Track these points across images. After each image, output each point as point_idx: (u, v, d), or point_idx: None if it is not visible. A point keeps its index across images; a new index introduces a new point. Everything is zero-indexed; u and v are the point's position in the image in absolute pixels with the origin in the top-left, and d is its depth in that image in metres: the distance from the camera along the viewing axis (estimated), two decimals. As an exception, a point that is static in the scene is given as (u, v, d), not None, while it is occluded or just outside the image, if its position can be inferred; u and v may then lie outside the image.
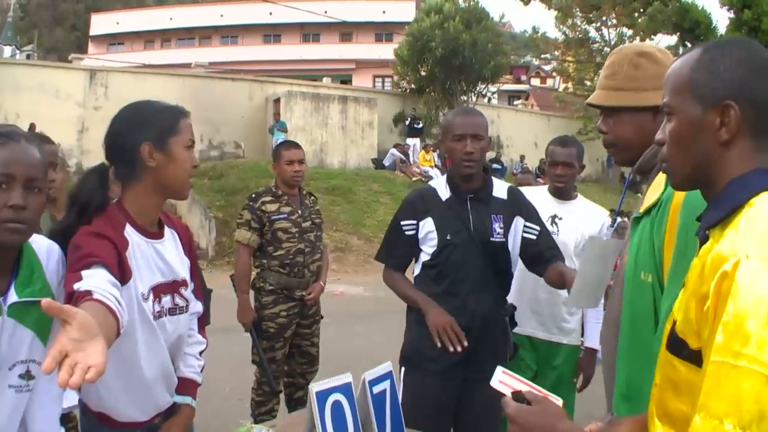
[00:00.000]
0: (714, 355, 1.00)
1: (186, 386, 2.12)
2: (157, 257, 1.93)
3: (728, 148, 1.16)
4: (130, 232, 1.85)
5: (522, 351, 3.23)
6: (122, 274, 1.74)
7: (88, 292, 1.49)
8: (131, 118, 1.90)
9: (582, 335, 3.56)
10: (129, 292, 1.79)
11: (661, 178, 1.67)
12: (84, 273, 1.58)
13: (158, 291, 1.91)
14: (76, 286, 1.53)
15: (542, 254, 2.85)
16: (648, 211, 1.69)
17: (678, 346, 1.13)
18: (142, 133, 1.85)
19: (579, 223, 3.36)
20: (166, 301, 1.95)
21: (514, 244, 2.85)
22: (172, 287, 1.97)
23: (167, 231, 2.02)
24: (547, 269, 2.80)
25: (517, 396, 1.26)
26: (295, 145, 4.34)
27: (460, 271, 2.74)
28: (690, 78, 1.20)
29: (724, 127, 1.16)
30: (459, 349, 2.58)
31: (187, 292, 2.04)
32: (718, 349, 1.00)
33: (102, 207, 1.85)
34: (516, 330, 3.15)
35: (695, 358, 1.08)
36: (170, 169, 1.88)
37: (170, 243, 2.00)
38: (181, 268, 2.02)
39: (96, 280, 1.56)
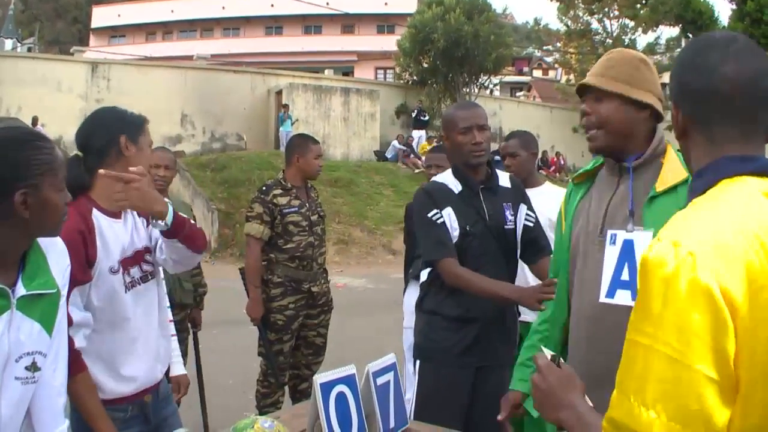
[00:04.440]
0: (628, 333, 1.03)
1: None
2: (120, 235, 2.20)
3: (688, 143, 1.21)
4: (96, 215, 2.14)
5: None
6: (90, 257, 2.07)
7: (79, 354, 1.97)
8: (110, 116, 2.24)
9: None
10: (99, 267, 2.09)
11: (675, 162, 1.87)
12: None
13: (126, 264, 2.19)
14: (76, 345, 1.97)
15: (536, 242, 2.90)
16: (670, 189, 1.83)
17: None
18: (121, 127, 2.19)
19: (543, 207, 3.40)
20: (135, 271, 2.21)
21: (520, 232, 2.89)
22: (136, 259, 2.23)
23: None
24: (537, 261, 2.86)
25: (553, 357, 1.32)
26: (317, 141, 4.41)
27: (478, 261, 2.74)
28: (670, 81, 1.27)
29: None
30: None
31: (152, 257, 2.29)
32: (630, 328, 1.02)
33: (82, 187, 2.14)
34: (521, 319, 3.16)
35: None
36: (139, 159, 2.20)
37: (129, 219, 2.27)
38: (142, 237, 2.27)
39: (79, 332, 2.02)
